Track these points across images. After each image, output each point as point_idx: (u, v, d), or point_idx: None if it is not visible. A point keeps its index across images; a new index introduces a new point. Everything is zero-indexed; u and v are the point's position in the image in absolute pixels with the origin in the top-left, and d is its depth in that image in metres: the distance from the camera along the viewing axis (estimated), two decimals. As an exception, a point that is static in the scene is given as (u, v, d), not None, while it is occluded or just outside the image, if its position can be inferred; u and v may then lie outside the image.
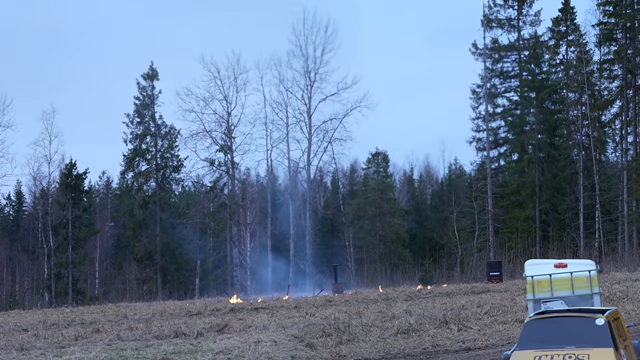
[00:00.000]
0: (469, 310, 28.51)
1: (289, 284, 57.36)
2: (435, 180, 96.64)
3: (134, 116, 70.96)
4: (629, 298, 29.22)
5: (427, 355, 20.82)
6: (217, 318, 33.00)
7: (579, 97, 64.70)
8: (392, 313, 29.95)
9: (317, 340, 23.16)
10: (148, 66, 72.53)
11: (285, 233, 74.35)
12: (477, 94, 71.19)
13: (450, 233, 71.76)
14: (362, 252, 73.82)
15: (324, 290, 53.22)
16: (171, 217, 71.68)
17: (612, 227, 65.14)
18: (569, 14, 68.43)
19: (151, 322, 31.69)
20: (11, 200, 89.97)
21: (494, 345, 21.47)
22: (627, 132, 65.88)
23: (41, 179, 74.74)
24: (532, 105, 67.58)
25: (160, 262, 69.35)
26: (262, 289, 64.75)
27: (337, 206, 79.36)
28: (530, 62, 69.18)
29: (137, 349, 23.16)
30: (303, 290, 58.49)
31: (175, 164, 71.56)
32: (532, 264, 17.54)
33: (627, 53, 64.71)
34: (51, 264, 67.26)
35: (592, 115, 64.82)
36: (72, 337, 28.17)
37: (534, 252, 62.31)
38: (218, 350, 21.82)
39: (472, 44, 70.32)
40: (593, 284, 17.03)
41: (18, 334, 30.60)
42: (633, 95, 64.56)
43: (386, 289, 48.20)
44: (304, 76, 71.67)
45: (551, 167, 65.90)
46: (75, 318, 37.15)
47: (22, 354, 23.81)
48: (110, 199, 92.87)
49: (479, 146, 71.33)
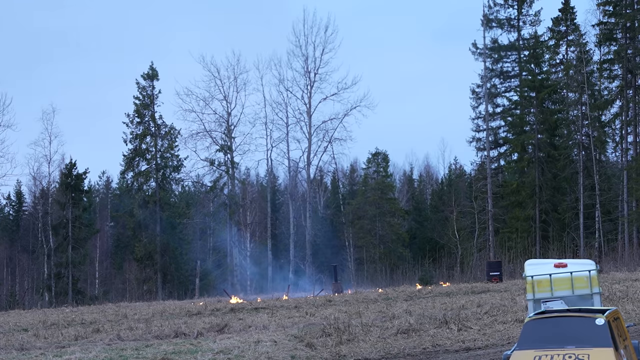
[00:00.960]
0: (469, 310, 28.51)
1: (289, 284, 57.36)
2: (435, 180, 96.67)
3: (134, 116, 70.95)
4: (629, 298, 29.22)
5: (427, 355, 20.81)
6: (217, 318, 33.00)
7: (579, 97, 64.69)
8: (392, 313, 29.94)
9: (317, 340, 23.16)
10: (148, 66, 72.67)
11: (285, 233, 74.37)
12: (477, 94, 71.22)
13: (450, 233, 71.79)
14: (362, 252, 73.81)
15: (324, 290, 53.22)
16: (171, 217, 71.67)
17: (612, 227, 65.14)
18: (569, 14, 68.44)
19: (151, 322, 31.69)
20: (11, 200, 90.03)
21: (494, 345, 21.47)
22: (627, 132, 65.92)
23: (41, 179, 74.88)
24: (532, 105, 67.56)
25: (160, 262, 69.33)
26: (262, 289, 64.76)
27: (337, 206, 79.37)
28: (530, 62, 69.17)
29: (137, 349, 23.16)
30: (303, 290, 58.51)
31: (175, 164, 71.55)
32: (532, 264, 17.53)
33: (627, 53, 64.73)
34: (51, 264, 67.27)
35: (592, 115, 64.82)
36: (72, 337, 28.17)
37: (534, 252, 62.31)
38: (218, 350, 21.82)
39: (472, 44, 70.43)
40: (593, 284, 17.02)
41: (18, 334, 30.59)
42: (633, 95, 64.57)
43: (386, 289, 48.22)
44: (304, 76, 71.75)
45: (551, 167, 65.89)
46: (75, 318, 37.14)
47: (22, 354, 23.81)
48: (110, 199, 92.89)
49: (479, 146, 71.37)
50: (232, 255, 71.24)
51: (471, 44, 70.37)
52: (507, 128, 71.23)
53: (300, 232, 72.03)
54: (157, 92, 71.55)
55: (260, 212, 77.73)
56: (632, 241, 61.78)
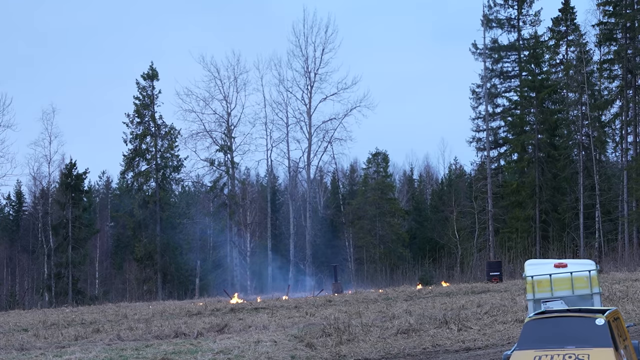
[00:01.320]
0: (469, 310, 28.51)
1: (289, 284, 57.35)
2: (435, 180, 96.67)
3: (134, 116, 70.97)
4: (629, 298, 29.22)
5: (427, 355, 20.81)
6: (217, 318, 33.00)
7: (579, 97, 64.69)
8: (392, 313, 29.93)
9: (317, 340, 23.16)
10: (148, 66, 72.73)
11: (285, 233, 74.36)
12: (477, 94, 71.22)
13: (450, 233, 71.79)
14: (362, 252, 73.82)
15: (324, 290, 53.21)
16: (171, 217, 71.69)
17: (612, 227, 65.15)
18: (569, 14, 68.45)
19: (151, 322, 31.69)
20: (11, 200, 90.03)
21: (494, 345, 21.46)
22: (627, 132, 65.92)
23: (41, 179, 74.87)
24: (532, 105, 67.56)
25: (160, 262, 69.34)
26: (262, 289, 64.76)
27: (337, 206, 79.36)
28: (530, 62, 69.16)
29: (137, 349, 23.16)
30: (303, 290, 58.50)
31: (175, 164, 71.57)
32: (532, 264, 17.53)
33: (627, 53, 64.73)
34: (51, 264, 67.28)
35: (592, 115, 64.82)
36: (72, 337, 28.17)
37: (534, 252, 62.31)
38: (218, 350, 21.82)
39: (472, 44, 70.41)
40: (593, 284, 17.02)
41: (18, 334, 30.59)
42: (633, 95, 64.57)
43: (386, 289, 48.20)
44: (304, 76, 71.75)
45: (551, 167, 65.88)
46: (75, 318, 37.14)
47: (22, 354, 23.81)
48: (110, 199, 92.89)
49: (479, 146, 71.38)
50: (232, 255, 71.22)
51: (471, 44, 70.46)
52: (507, 128, 71.22)
53: (300, 232, 72.02)
54: (157, 92, 71.66)
55: (260, 212, 77.72)
56: (632, 241, 61.78)
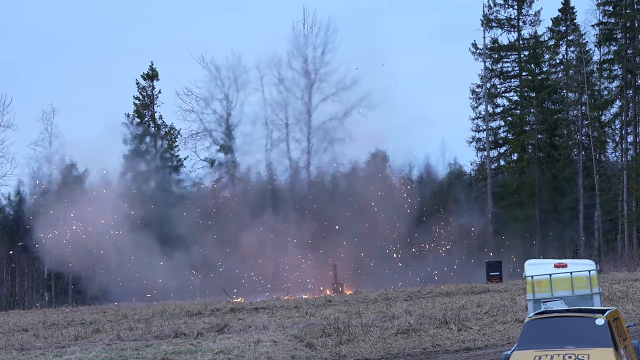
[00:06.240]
0: (469, 310, 28.49)
1: (289, 284, 57.27)
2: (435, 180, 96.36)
3: (134, 116, 70.91)
4: (629, 298, 29.23)
5: (427, 355, 20.82)
6: (217, 318, 32.99)
7: (579, 97, 64.70)
8: (392, 313, 29.93)
9: (317, 340, 23.16)
10: (148, 66, 72.58)
11: (285, 233, 74.21)
12: (476, 94, 71.13)
13: (450, 233, 71.62)
14: (362, 252, 73.62)
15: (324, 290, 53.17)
16: (171, 217, 71.51)
17: (612, 227, 65.12)
18: (569, 14, 68.42)
19: (151, 322, 31.68)
20: (11, 201, 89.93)
21: (494, 345, 21.47)
22: (627, 132, 65.92)
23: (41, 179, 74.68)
24: (532, 105, 67.53)
25: (160, 262, 69.21)
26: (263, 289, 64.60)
27: (337, 206, 79.13)
28: (530, 62, 69.11)
29: (137, 349, 23.16)
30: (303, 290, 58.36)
31: (175, 164, 71.49)
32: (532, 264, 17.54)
33: (627, 53, 64.73)
34: (51, 264, 67.14)
35: (592, 115, 64.82)
36: (72, 337, 28.16)
37: (534, 252, 62.28)
38: (218, 350, 21.83)
39: (471, 44, 70.30)
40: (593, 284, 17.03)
41: (18, 334, 30.58)
42: (633, 95, 64.57)
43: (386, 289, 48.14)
44: (304, 76, 71.66)
45: (551, 167, 65.87)
46: (75, 318, 37.13)
47: (22, 354, 23.81)
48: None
49: (479, 146, 71.29)
50: (232, 255, 71.09)
51: (471, 44, 70.36)
52: (507, 128, 71.13)
53: (300, 232, 71.87)
54: (157, 92, 71.57)
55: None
56: (632, 241, 61.78)
